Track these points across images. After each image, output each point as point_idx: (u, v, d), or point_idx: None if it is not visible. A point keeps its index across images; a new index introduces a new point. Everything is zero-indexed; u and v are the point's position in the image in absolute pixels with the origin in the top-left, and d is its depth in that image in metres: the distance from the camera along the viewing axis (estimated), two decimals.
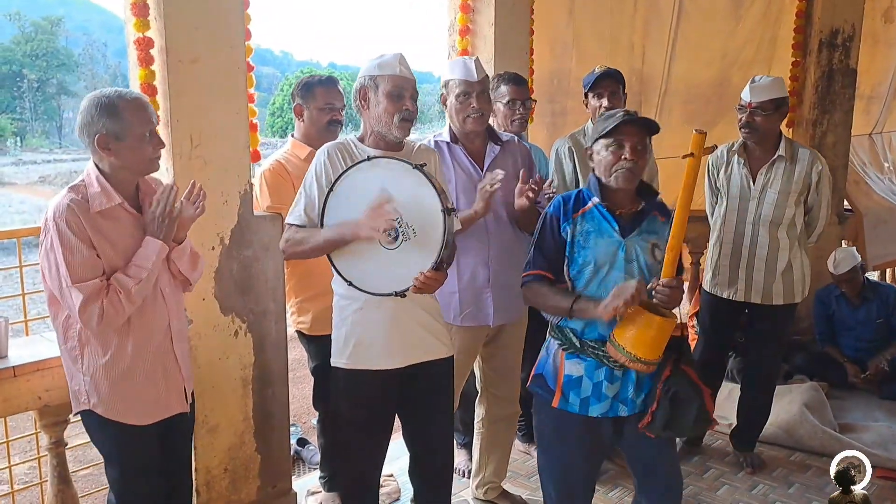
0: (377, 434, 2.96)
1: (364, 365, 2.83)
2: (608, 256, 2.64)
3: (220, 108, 3.26)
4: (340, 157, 2.79)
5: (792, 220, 3.96)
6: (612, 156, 2.63)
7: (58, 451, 3.10)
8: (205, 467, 3.44)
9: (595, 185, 2.70)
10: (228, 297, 3.43)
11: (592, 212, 2.68)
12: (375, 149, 2.81)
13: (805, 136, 6.04)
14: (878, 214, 6.68)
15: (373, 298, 2.74)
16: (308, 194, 2.79)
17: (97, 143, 2.43)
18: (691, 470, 4.25)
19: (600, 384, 2.67)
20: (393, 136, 2.80)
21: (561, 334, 2.73)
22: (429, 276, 2.61)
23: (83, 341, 2.52)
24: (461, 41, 4.58)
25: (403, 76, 2.78)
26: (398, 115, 2.75)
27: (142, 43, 3.08)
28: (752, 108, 3.84)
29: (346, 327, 2.85)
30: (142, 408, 2.61)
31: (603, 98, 3.81)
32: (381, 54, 2.83)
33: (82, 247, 2.39)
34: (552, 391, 2.73)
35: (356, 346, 2.82)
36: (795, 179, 3.91)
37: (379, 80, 2.77)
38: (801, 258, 4.03)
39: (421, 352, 2.89)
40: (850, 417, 4.89)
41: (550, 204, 2.78)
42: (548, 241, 2.71)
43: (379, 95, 2.76)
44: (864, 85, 6.77)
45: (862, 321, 5.45)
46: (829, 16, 5.94)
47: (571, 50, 5.26)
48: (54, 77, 66.51)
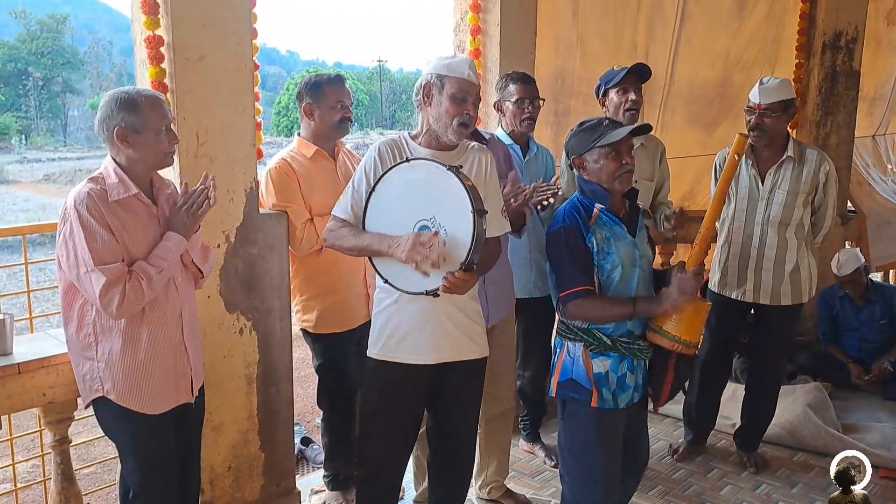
0: (401, 426, 2.98)
1: (394, 357, 2.87)
2: (630, 257, 2.79)
3: (226, 106, 3.27)
4: (391, 154, 2.83)
5: (800, 220, 3.97)
6: (613, 163, 2.75)
7: (62, 449, 3.10)
8: (209, 465, 3.45)
9: (597, 191, 2.80)
10: (234, 294, 3.44)
11: (601, 218, 2.79)
12: (427, 148, 2.84)
13: (808, 137, 6.04)
14: (881, 215, 6.69)
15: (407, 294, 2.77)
16: (356, 189, 2.83)
17: (116, 135, 2.54)
18: (695, 469, 4.26)
19: (624, 376, 2.82)
20: (448, 138, 2.82)
21: (590, 336, 2.81)
22: (458, 277, 2.60)
23: (98, 329, 2.59)
24: (472, 41, 4.58)
25: (470, 81, 2.79)
26: (458, 118, 2.77)
27: (152, 41, 3.09)
28: (762, 109, 3.84)
29: (382, 319, 2.89)
30: (153, 395, 2.66)
31: (629, 93, 3.82)
32: (451, 55, 2.86)
33: (103, 231, 2.48)
34: (589, 391, 2.80)
35: (388, 338, 2.87)
36: (804, 180, 3.92)
37: (445, 80, 2.78)
38: (808, 258, 4.04)
39: (453, 351, 2.90)
40: (854, 418, 4.89)
41: (561, 218, 2.82)
42: (580, 255, 2.76)
43: (443, 95, 2.77)
44: (868, 87, 6.77)
45: (865, 322, 5.45)
46: (833, 18, 5.94)
47: (575, 49, 5.26)
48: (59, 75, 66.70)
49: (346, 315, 3.64)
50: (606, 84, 3.91)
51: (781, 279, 4.00)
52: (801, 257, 4.00)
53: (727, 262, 4.11)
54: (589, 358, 2.80)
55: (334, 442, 3.83)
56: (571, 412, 2.89)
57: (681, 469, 4.27)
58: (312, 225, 3.50)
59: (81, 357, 2.63)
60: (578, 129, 2.85)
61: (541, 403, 4.38)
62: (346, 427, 3.77)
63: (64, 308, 2.64)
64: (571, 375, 2.83)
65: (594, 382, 2.79)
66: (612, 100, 3.88)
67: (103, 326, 2.58)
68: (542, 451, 4.38)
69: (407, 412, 2.98)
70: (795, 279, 4.01)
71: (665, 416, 4.88)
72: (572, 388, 2.84)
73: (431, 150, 2.84)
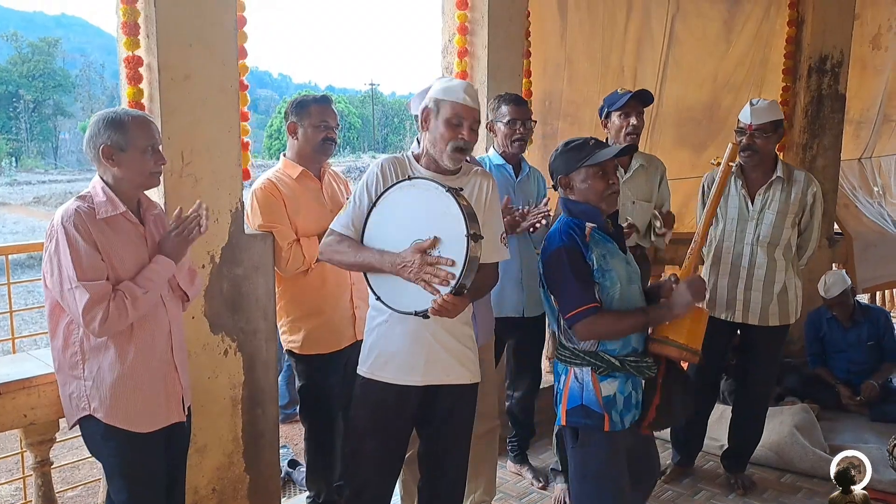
0: (388, 446, 2.95)
1: (381, 376, 2.85)
2: (626, 272, 2.80)
3: (211, 125, 3.27)
4: (393, 170, 2.82)
5: (788, 241, 4.00)
6: (601, 182, 2.76)
7: (43, 471, 3.08)
8: (193, 487, 3.41)
9: (588, 210, 2.80)
10: (218, 315, 3.42)
11: (594, 236, 2.78)
12: (427, 170, 2.83)
13: (795, 159, 6.08)
14: (867, 238, 6.72)
15: (398, 314, 2.74)
16: (357, 204, 2.80)
17: (102, 153, 2.56)
18: (683, 491, 4.25)
19: (630, 395, 2.82)
20: (444, 163, 2.80)
21: (597, 359, 2.77)
22: (447, 300, 2.58)
23: (85, 347, 2.57)
24: (459, 63, 4.60)
25: (466, 105, 2.75)
26: (453, 143, 2.74)
27: (131, 61, 3.11)
28: (753, 129, 3.86)
29: (373, 337, 2.88)
30: (142, 414, 2.64)
31: (631, 117, 3.87)
32: (449, 78, 2.85)
33: (89, 249, 2.48)
34: (601, 416, 2.77)
35: (377, 356, 2.86)
36: (792, 201, 3.95)
37: (441, 105, 2.76)
38: (794, 280, 4.06)
39: (442, 374, 2.87)
40: (841, 439, 4.88)
41: (557, 238, 2.80)
42: (583, 273, 2.74)
43: (438, 120, 2.76)
44: (853, 110, 6.83)
45: (853, 343, 5.46)
46: (819, 42, 6.00)
47: (563, 72, 5.30)
48: (51, 98, 66.66)
49: (333, 336, 3.62)
50: (610, 107, 3.94)
51: (770, 299, 4.01)
52: (788, 278, 4.02)
53: (716, 283, 4.12)
54: (598, 382, 2.76)
55: (313, 462, 3.80)
56: (584, 439, 2.82)
57: (668, 491, 4.25)
58: (298, 245, 3.49)
59: (68, 376, 2.61)
60: (564, 148, 2.85)
61: (529, 424, 4.36)
62: (327, 448, 3.75)
63: (50, 327, 2.63)
64: (581, 402, 2.78)
65: (604, 406, 2.76)
66: (613, 122, 3.93)
67: (91, 345, 2.57)
68: (530, 473, 4.36)
69: (394, 433, 2.94)
70: (783, 300, 4.02)
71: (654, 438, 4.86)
72: (584, 415, 2.78)
73: (432, 172, 2.82)
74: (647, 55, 5.64)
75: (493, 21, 4.54)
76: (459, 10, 4.56)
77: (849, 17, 6.13)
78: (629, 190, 4.02)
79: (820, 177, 6.01)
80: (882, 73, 7.21)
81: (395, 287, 2.70)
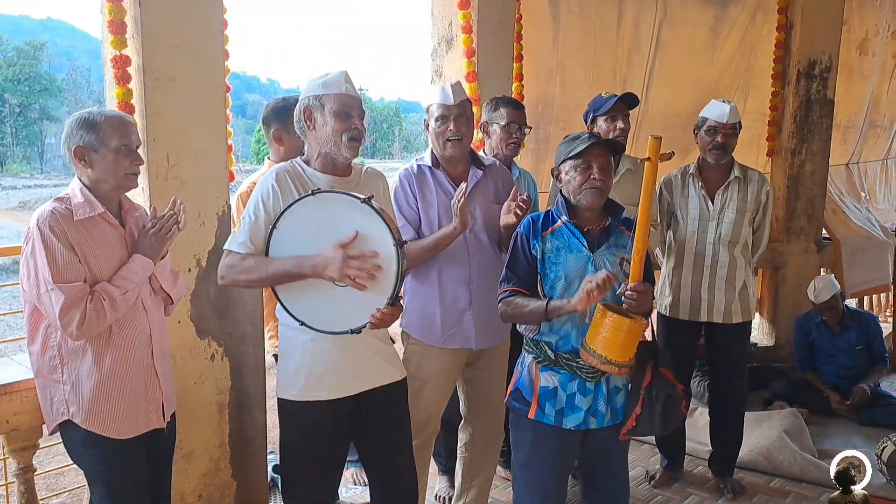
0: (329, 463, 2.87)
1: (316, 396, 2.74)
2: (578, 271, 2.74)
3: (197, 128, 3.25)
4: (290, 182, 2.69)
5: (746, 239, 4.10)
6: (580, 176, 2.74)
7: (26, 478, 3.05)
8: (179, 493, 3.38)
9: (563, 204, 2.81)
10: (205, 320, 3.39)
11: (562, 229, 2.79)
12: (323, 172, 2.73)
13: (784, 165, 6.10)
14: (855, 243, 6.75)
15: None
16: (254, 221, 2.65)
17: (74, 153, 2.52)
18: (672, 496, 4.23)
19: (573, 396, 2.77)
20: (342, 156, 2.71)
21: (536, 348, 2.80)
22: (385, 313, 2.55)
23: (63, 351, 2.53)
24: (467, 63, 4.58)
25: (350, 94, 2.70)
26: (347, 133, 2.67)
27: (118, 61, 3.07)
28: (727, 128, 3.95)
29: (296, 359, 2.75)
30: (121, 420, 2.59)
31: (617, 121, 3.86)
32: (324, 73, 2.76)
33: (65, 250, 2.43)
34: (528, 402, 2.80)
35: (308, 377, 2.73)
36: (749, 199, 4.06)
37: (325, 100, 2.68)
38: (752, 277, 4.18)
39: (374, 377, 2.83)
40: (830, 443, 4.87)
41: (521, 224, 2.85)
42: (520, 259, 2.78)
43: (326, 115, 2.67)
44: (841, 115, 6.85)
45: (842, 348, 5.46)
46: (808, 47, 6.03)
47: (556, 76, 5.29)
48: (36, 102, 66.41)
49: None
50: (595, 111, 3.92)
51: (733, 297, 4.09)
52: (747, 276, 4.12)
53: (679, 284, 4.16)
54: (538, 371, 2.80)
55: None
56: (515, 422, 2.91)
57: (658, 495, 4.24)
58: None
59: (47, 380, 2.57)
60: (564, 141, 2.86)
61: None
62: None
63: (29, 330, 2.58)
64: (519, 385, 2.85)
65: (537, 396, 2.78)
66: (600, 127, 3.90)
67: (69, 348, 2.53)
68: None
69: (333, 447, 2.85)
70: (744, 297, 4.11)
71: (643, 443, 4.86)
72: (516, 398, 2.85)
73: (328, 174, 2.72)
74: (637, 61, 5.65)
75: (482, 26, 4.53)
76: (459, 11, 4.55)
77: (837, 23, 6.16)
78: (617, 194, 4.00)
79: (809, 182, 6.07)
80: (869, 79, 7.26)
81: (316, 307, 2.61)
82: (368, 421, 2.86)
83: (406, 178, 3.27)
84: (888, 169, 8.52)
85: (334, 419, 2.79)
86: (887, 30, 7.30)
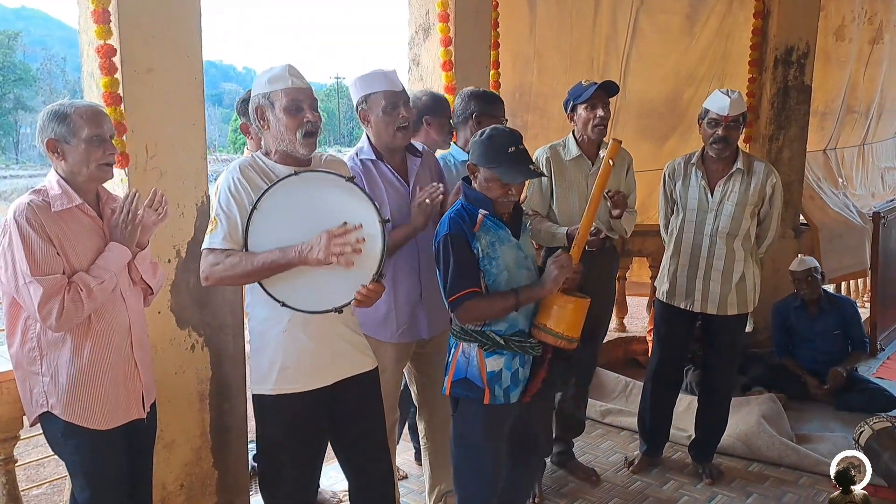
0: (308, 455, 2.85)
1: (292, 388, 2.72)
2: (515, 260, 2.87)
3: (176, 119, 3.23)
4: (255, 174, 2.65)
5: (747, 231, 4.03)
6: (500, 190, 2.81)
7: (7, 469, 3.04)
8: (160, 483, 3.38)
9: (480, 199, 2.85)
10: (185, 310, 3.38)
11: (486, 223, 2.83)
12: (284, 164, 2.68)
13: (761, 151, 6.13)
14: (833, 229, 6.80)
15: (297, 318, 2.64)
16: (229, 216, 2.60)
17: (47, 146, 2.53)
18: (651, 481, 4.26)
19: (517, 371, 2.90)
20: (298, 153, 2.66)
21: (484, 337, 2.85)
22: (370, 289, 2.56)
23: (42, 343, 2.53)
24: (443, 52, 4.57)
25: (297, 87, 2.64)
26: (300, 130, 2.62)
27: (103, 50, 3.04)
28: (730, 121, 3.88)
29: (269, 353, 2.72)
30: (100, 411, 2.59)
31: (597, 109, 3.82)
32: (268, 69, 2.70)
33: (42, 243, 2.43)
34: (482, 390, 2.86)
35: (282, 370, 2.70)
36: (752, 192, 3.98)
37: (273, 97, 2.63)
38: (753, 269, 4.10)
39: (348, 367, 2.82)
40: (807, 428, 4.94)
41: (446, 226, 2.82)
42: (465, 261, 2.80)
43: (277, 112, 2.63)
44: (818, 101, 6.89)
45: (820, 333, 5.52)
46: (785, 33, 6.06)
47: (533, 64, 5.30)
48: (11, 92, 65.53)
49: None
50: (575, 100, 3.89)
51: (729, 289, 4.05)
52: (747, 267, 4.06)
53: (675, 273, 4.15)
54: (483, 358, 2.85)
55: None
56: (463, 410, 2.95)
57: (637, 481, 4.27)
58: None
59: (27, 372, 2.57)
60: (487, 138, 2.83)
61: None
62: None
63: (8, 323, 2.58)
64: (465, 375, 2.88)
65: (487, 381, 2.85)
66: (580, 115, 3.85)
67: (48, 340, 2.53)
68: None
69: (311, 439, 2.83)
70: (741, 289, 4.06)
71: (621, 430, 4.90)
72: (465, 387, 2.89)
73: (290, 166, 2.67)
74: (614, 49, 5.67)
75: (459, 14, 4.52)
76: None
77: (814, 9, 6.18)
78: None
79: (786, 168, 6.10)
80: (845, 65, 7.31)
81: (297, 287, 2.59)
82: (342, 411, 2.86)
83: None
84: (865, 154, 8.58)
85: (311, 410, 2.77)
86: (864, 16, 7.34)
